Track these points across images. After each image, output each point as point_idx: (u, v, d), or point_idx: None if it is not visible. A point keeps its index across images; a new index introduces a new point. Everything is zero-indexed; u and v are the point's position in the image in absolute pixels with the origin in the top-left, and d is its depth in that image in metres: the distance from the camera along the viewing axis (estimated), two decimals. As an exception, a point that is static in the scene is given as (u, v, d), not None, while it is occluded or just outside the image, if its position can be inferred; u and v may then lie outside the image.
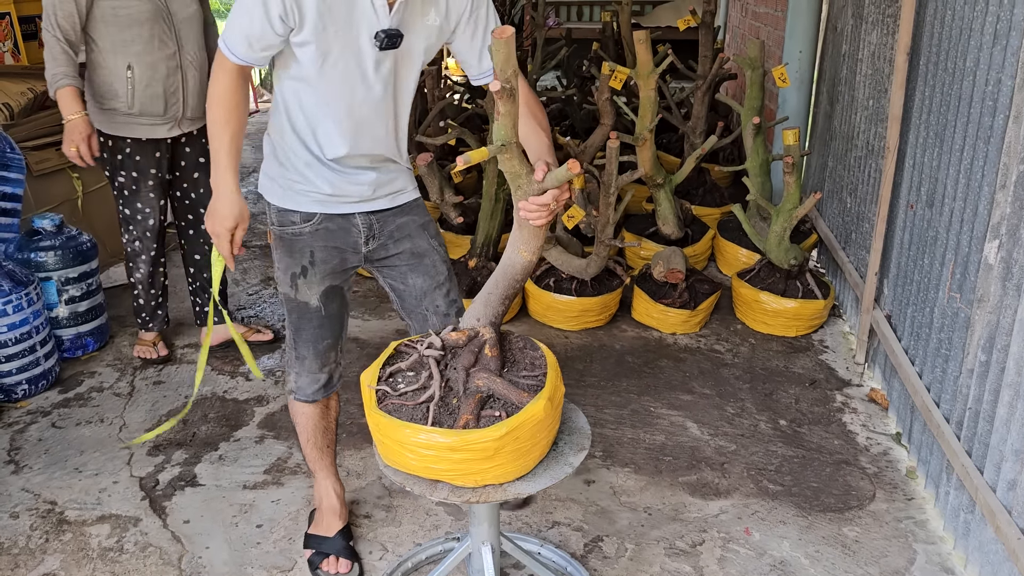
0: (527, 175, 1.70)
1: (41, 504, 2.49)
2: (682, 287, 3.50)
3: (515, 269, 1.85)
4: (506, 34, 1.57)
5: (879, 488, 2.59)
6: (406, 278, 2.10)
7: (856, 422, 2.95)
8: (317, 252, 1.99)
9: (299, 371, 2.10)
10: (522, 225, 1.77)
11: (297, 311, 2.04)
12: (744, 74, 3.96)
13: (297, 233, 1.98)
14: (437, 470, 1.71)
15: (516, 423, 1.66)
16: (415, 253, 2.09)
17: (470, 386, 1.79)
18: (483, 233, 3.59)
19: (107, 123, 2.97)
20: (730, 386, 3.18)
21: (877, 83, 3.30)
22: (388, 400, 1.82)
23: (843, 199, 3.77)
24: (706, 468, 2.69)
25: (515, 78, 1.64)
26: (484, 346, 1.81)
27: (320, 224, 1.98)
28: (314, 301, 2.03)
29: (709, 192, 4.59)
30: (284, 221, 1.99)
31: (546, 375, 1.75)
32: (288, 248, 2.00)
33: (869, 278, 3.11)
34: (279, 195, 1.98)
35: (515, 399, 1.73)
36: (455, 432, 1.67)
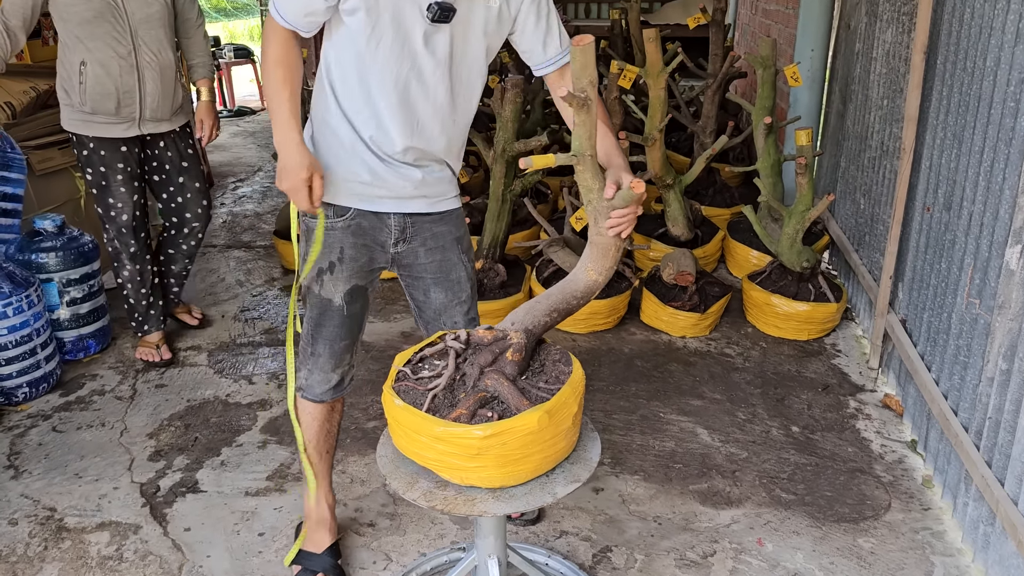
0: (600, 190, 1.67)
1: (40, 511, 2.45)
2: (692, 290, 3.45)
3: (576, 286, 1.80)
4: (584, 41, 1.53)
5: (895, 497, 2.53)
6: (429, 291, 2.05)
7: (870, 429, 2.89)
8: (347, 249, 1.93)
9: (312, 368, 2.04)
10: (595, 242, 1.74)
11: (319, 307, 1.98)
12: (755, 73, 3.90)
13: (329, 227, 1.92)
14: (425, 457, 1.68)
15: (502, 428, 1.61)
16: (443, 266, 2.03)
17: (479, 384, 1.75)
18: (490, 234, 3.54)
19: (70, 120, 2.98)
20: (741, 391, 3.12)
21: (892, 82, 3.24)
22: (404, 381, 1.79)
23: (856, 200, 3.70)
24: (717, 476, 2.63)
25: (591, 88, 1.59)
26: (508, 349, 1.77)
27: (353, 220, 1.92)
28: (338, 299, 1.97)
29: (719, 192, 4.53)
30: (316, 215, 1.92)
31: (560, 390, 1.70)
32: (316, 240, 1.95)
33: (883, 282, 3.05)
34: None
35: (514, 404, 1.68)
36: (442, 423, 1.63)
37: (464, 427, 1.61)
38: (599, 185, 1.72)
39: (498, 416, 1.65)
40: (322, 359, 2.02)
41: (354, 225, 1.92)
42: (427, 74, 1.82)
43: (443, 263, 2.02)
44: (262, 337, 3.50)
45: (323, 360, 2.02)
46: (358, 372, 3.21)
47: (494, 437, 1.60)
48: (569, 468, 1.75)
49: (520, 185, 3.47)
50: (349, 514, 2.44)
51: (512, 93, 3.28)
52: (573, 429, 1.75)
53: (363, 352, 3.39)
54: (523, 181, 3.48)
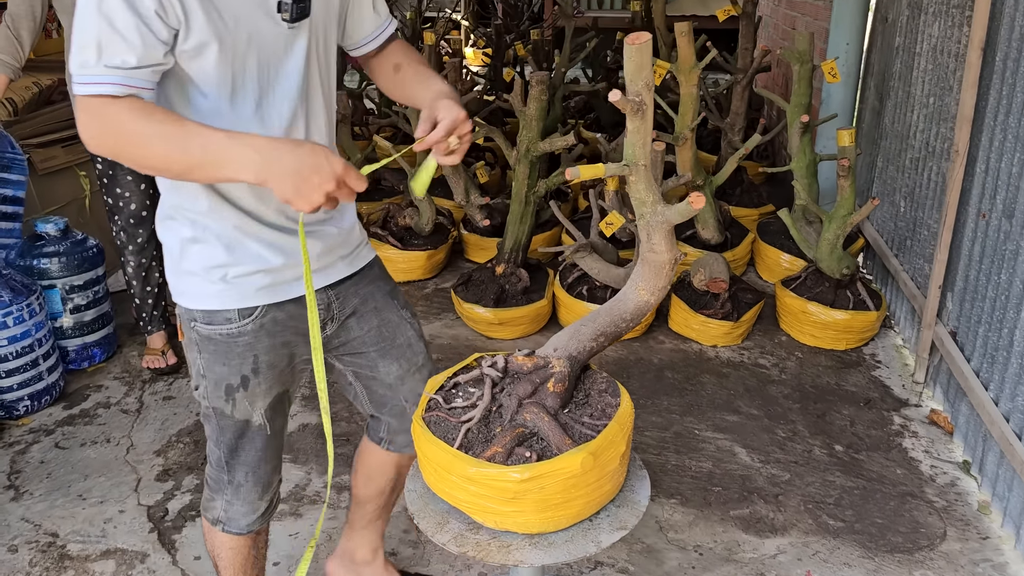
0: (653, 203, 1.51)
1: (42, 536, 2.31)
2: (724, 297, 3.28)
3: (626, 307, 1.64)
4: (640, 40, 1.37)
5: (949, 525, 2.37)
6: (376, 365, 1.67)
7: (918, 447, 2.73)
8: (262, 355, 1.50)
9: (231, 499, 1.64)
10: (647, 260, 1.58)
11: (234, 430, 1.57)
12: (778, 63, 3.72)
13: (235, 334, 1.47)
14: (456, 497, 1.53)
15: (542, 471, 1.46)
16: (384, 332, 1.67)
17: (517, 418, 1.60)
18: (512, 238, 3.38)
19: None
20: (779, 406, 2.96)
21: (940, 79, 3.06)
22: (435, 411, 1.63)
23: (896, 202, 3.53)
24: (759, 500, 2.48)
25: (647, 91, 1.43)
26: (549, 380, 1.61)
27: (264, 317, 1.48)
28: (257, 418, 1.56)
29: (746, 192, 4.36)
30: (214, 320, 1.47)
31: (606, 427, 1.55)
32: (221, 353, 1.49)
33: (932, 291, 2.88)
34: (205, 294, 1.46)
35: (556, 443, 1.53)
36: (475, 462, 1.48)
37: (499, 468, 1.46)
38: (652, 198, 1.57)
39: (537, 456, 1.49)
40: (245, 488, 1.63)
41: (267, 323, 1.49)
42: (296, 92, 1.41)
43: (383, 328, 1.66)
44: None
45: (246, 489, 1.63)
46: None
47: (532, 481, 1.45)
48: (615, 512, 1.59)
49: (544, 186, 3.31)
50: (369, 542, 2.29)
51: (537, 90, 3.11)
52: (620, 469, 1.60)
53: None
54: (547, 182, 3.31)
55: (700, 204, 1.47)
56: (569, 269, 3.44)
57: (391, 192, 4.55)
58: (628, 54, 1.42)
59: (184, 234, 1.44)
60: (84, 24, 1.22)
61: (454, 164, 1.46)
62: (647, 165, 1.54)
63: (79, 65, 1.23)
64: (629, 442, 1.62)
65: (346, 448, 2.68)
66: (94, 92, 1.23)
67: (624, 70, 1.45)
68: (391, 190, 4.56)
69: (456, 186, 3.43)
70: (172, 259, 1.49)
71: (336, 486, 2.51)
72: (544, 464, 1.46)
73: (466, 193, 3.48)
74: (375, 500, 1.90)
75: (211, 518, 1.67)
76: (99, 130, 1.25)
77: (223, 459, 1.60)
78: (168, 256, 1.50)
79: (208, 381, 1.52)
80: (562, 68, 4.52)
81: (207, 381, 1.52)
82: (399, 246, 3.75)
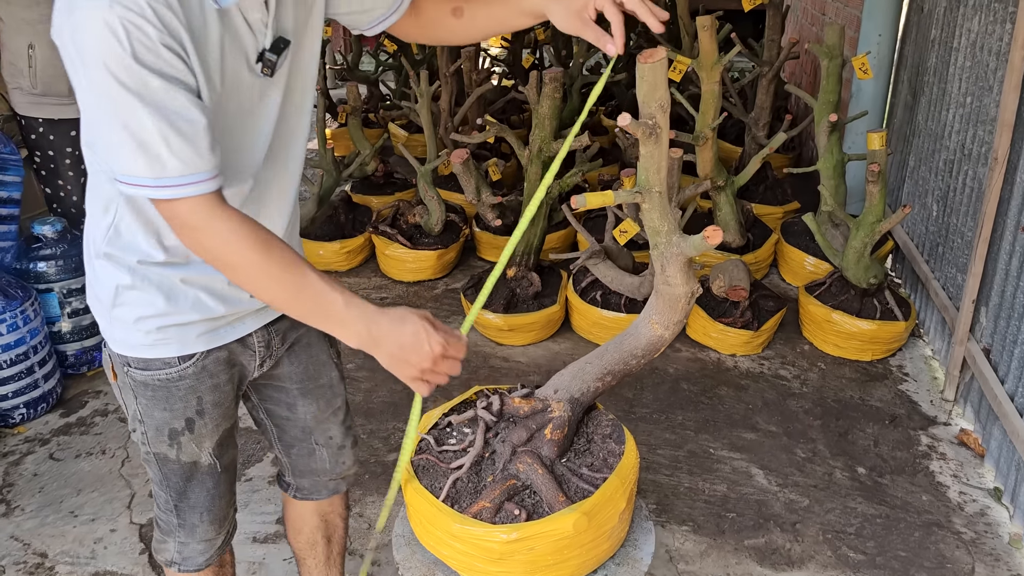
0: (668, 233, 1.40)
1: (30, 556, 2.24)
2: (745, 304, 3.14)
3: (637, 343, 1.53)
4: (655, 58, 1.25)
5: (978, 560, 2.24)
6: (295, 405, 1.57)
7: (946, 471, 2.59)
8: (207, 396, 1.40)
9: (185, 540, 1.54)
10: (661, 293, 1.47)
11: (181, 474, 1.46)
12: (803, 47, 3.54)
13: (175, 378, 1.37)
14: (441, 553, 1.43)
15: (530, 532, 1.36)
16: (310, 371, 1.56)
17: (510, 467, 1.49)
18: (523, 240, 3.25)
19: (18, 103, 2.96)
20: (799, 422, 2.83)
21: (978, 78, 2.88)
22: (426, 453, 1.53)
23: (928, 205, 3.36)
24: (775, 529, 2.35)
25: (661, 114, 1.31)
26: (547, 425, 1.50)
27: (207, 359, 1.39)
28: (206, 458, 1.46)
29: (771, 188, 4.19)
30: (151, 366, 1.36)
31: (605, 481, 1.43)
32: (160, 399, 1.38)
33: (965, 305, 2.72)
34: (140, 344, 1.35)
35: (548, 500, 1.42)
36: (459, 518, 1.38)
37: (485, 527, 1.35)
38: (667, 227, 1.45)
39: (528, 513, 1.38)
40: (201, 528, 1.53)
41: (209, 364, 1.40)
42: (266, 142, 1.33)
43: (309, 366, 1.56)
44: (278, 349, 3.27)
45: (202, 529, 1.53)
46: (380, 392, 2.98)
47: (520, 542, 1.34)
48: (614, 571, 1.48)
49: (558, 188, 3.17)
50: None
51: (550, 87, 2.97)
52: (620, 526, 1.49)
53: (383, 371, 3.13)
54: (561, 183, 3.18)
55: (717, 240, 1.34)
56: (583, 272, 3.31)
57: (404, 185, 4.43)
58: (641, 73, 1.30)
59: (121, 280, 1.32)
60: (130, 121, 1.08)
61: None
62: (662, 192, 1.41)
63: (151, 171, 1.10)
64: (632, 496, 1.51)
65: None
66: (188, 194, 1.12)
67: (637, 90, 1.33)
68: (404, 183, 4.44)
69: (467, 184, 3.30)
70: (102, 302, 1.36)
71: (334, 506, 2.42)
72: (533, 525, 1.35)
73: (477, 191, 3.36)
74: (310, 554, 1.77)
75: (164, 560, 1.56)
76: (215, 245, 1.16)
77: (171, 503, 1.49)
78: (97, 295, 1.37)
79: (147, 427, 1.40)
80: (580, 59, 4.35)
81: (145, 427, 1.40)
82: (408, 245, 3.63)
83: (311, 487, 1.67)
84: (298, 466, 1.64)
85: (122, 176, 1.12)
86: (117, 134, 1.08)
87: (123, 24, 1.03)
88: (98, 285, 1.36)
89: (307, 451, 1.61)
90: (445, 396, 2.83)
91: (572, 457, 1.50)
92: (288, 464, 1.65)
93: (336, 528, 1.76)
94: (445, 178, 4.29)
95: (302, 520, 1.73)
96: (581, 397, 1.53)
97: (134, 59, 1.05)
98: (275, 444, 1.64)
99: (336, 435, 1.62)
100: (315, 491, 1.68)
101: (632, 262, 3.21)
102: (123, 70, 1.05)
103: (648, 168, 1.37)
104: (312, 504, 1.70)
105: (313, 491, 1.68)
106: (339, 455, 1.63)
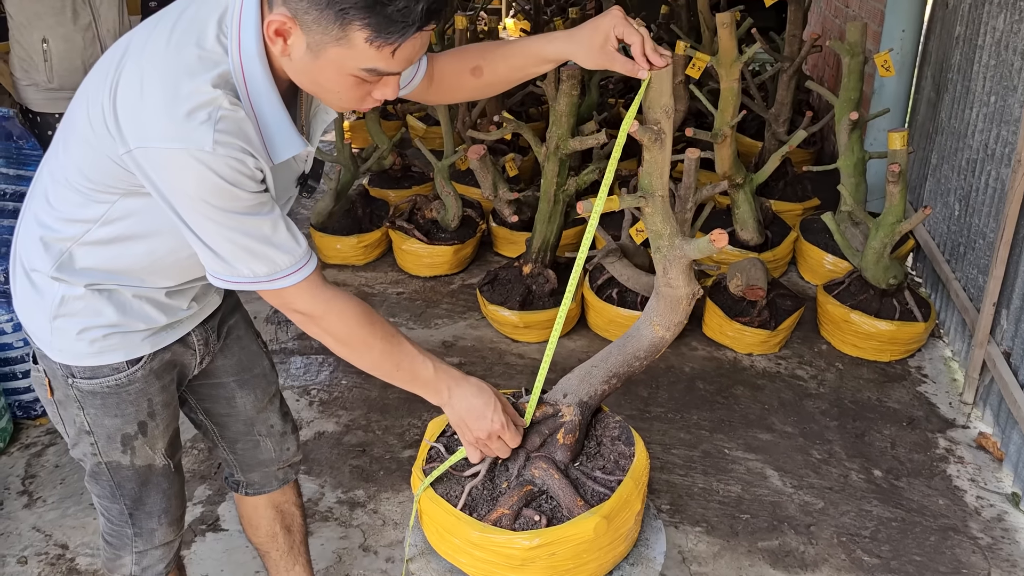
0: (670, 236, 1.41)
1: (51, 548, 2.28)
2: (762, 303, 3.12)
3: (640, 345, 1.54)
4: (660, 65, 1.26)
5: (994, 566, 2.23)
6: (233, 399, 1.59)
7: (963, 475, 2.57)
8: (156, 397, 1.43)
9: (144, 549, 1.53)
10: (662, 295, 1.48)
11: (135, 479, 1.46)
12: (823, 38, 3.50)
13: (124, 383, 1.38)
14: (460, 561, 1.44)
15: (554, 537, 1.37)
16: (244, 361, 1.59)
17: (525, 473, 1.50)
18: (540, 237, 3.25)
19: (33, 100, 2.94)
20: (815, 423, 2.81)
21: (1002, 77, 2.84)
22: (437, 461, 1.54)
23: (949, 204, 3.32)
24: (789, 531, 2.35)
25: (666, 119, 1.32)
26: (559, 430, 1.51)
27: (154, 360, 1.41)
28: (159, 459, 1.47)
29: (790, 185, 4.15)
30: (99, 374, 1.37)
31: (620, 483, 1.44)
32: (111, 406, 1.39)
33: (985, 308, 2.70)
34: (85, 353, 1.35)
35: (567, 505, 1.43)
36: (479, 526, 1.39)
37: (506, 534, 1.36)
38: (669, 231, 1.45)
39: (547, 519, 1.39)
40: (160, 532, 1.53)
41: (156, 366, 1.42)
42: None
43: (243, 357, 1.59)
44: (295, 343, 3.29)
45: (161, 533, 1.53)
46: (395, 389, 2.99)
47: (542, 548, 1.35)
48: (629, 571, 1.49)
49: (575, 185, 3.17)
50: (379, 564, 2.22)
51: (568, 85, 2.96)
52: (635, 527, 1.49)
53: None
54: (578, 180, 3.17)
55: (722, 244, 1.34)
56: (599, 270, 3.31)
57: (422, 178, 4.43)
58: (647, 80, 1.31)
59: (73, 292, 1.33)
60: (236, 236, 1.18)
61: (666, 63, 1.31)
62: (664, 196, 1.42)
63: (267, 269, 1.21)
64: (645, 498, 1.51)
65: (361, 459, 2.61)
66: (300, 279, 1.24)
67: (643, 97, 1.33)
68: (421, 176, 4.45)
69: (484, 180, 3.30)
70: (43, 308, 1.34)
71: (348, 502, 2.44)
72: (555, 530, 1.36)
73: (494, 187, 3.36)
74: (272, 547, 1.81)
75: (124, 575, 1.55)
76: (335, 326, 1.29)
77: (126, 512, 1.48)
78: (36, 301, 1.35)
79: (96, 436, 1.41)
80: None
81: (94, 437, 1.41)
82: (425, 240, 3.64)
83: (261, 480, 1.71)
84: (245, 460, 1.67)
85: (235, 278, 1.22)
86: (224, 246, 1.18)
87: (227, 164, 1.12)
88: (35, 296, 1.35)
89: (252, 444, 1.64)
90: (436, 410, 2.85)
91: (584, 461, 1.51)
92: (234, 461, 1.68)
93: (294, 517, 1.80)
94: (462, 172, 4.29)
95: (258, 515, 1.77)
96: (589, 400, 1.54)
97: (235, 186, 1.14)
98: (219, 443, 1.66)
99: (276, 423, 1.66)
100: (266, 483, 1.71)
101: (648, 260, 3.20)
102: (226, 199, 1.15)
103: (651, 173, 1.38)
104: (265, 498, 1.74)
105: (264, 484, 1.71)
106: (283, 442, 1.68)
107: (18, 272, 1.39)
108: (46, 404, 1.45)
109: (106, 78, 1.18)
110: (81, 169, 1.24)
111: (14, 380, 2.71)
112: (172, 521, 1.55)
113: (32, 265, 1.35)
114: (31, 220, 1.35)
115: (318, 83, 1.16)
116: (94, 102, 1.19)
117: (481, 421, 1.38)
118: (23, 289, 1.38)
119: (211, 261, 1.21)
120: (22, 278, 1.38)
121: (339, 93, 1.18)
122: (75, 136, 1.24)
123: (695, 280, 1.49)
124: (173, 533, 1.56)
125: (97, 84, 1.20)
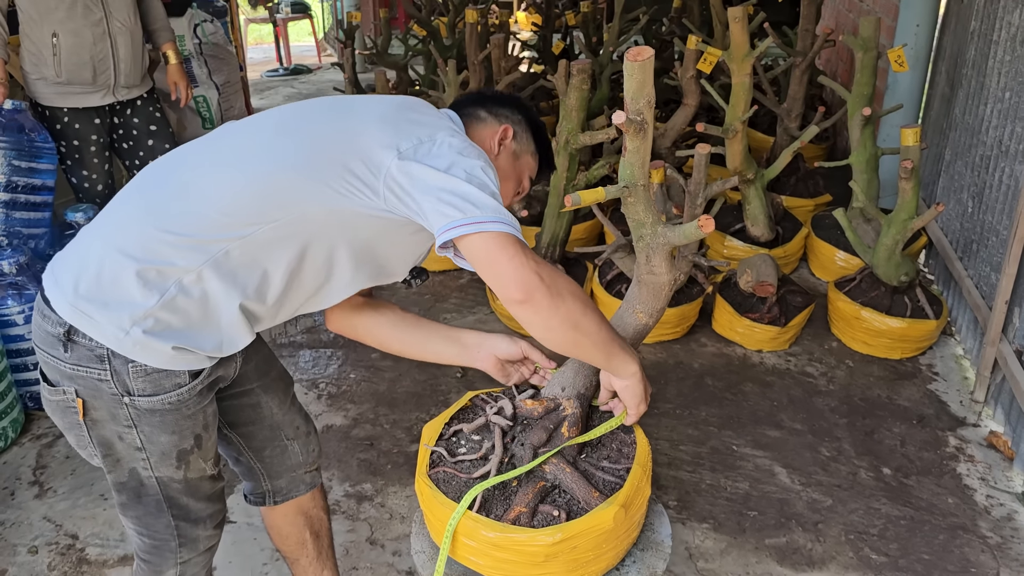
0: (653, 224, 1.42)
1: (62, 537, 2.30)
2: (772, 300, 3.11)
3: (624, 333, 1.55)
4: (642, 56, 1.27)
5: (1004, 565, 2.21)
6: (259, 405, 1.58)
7: (973, 474, 2.55)
8: (208, 409, 1.42)
9: (189, 558, 1.53)
10: (644, 282, 1.49)
11: (186, 491, 1.45)
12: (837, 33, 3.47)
13: (185, 398, 1.36)
14: (476, 563, 1.44)
15: (576, 530, 1.37)
16: (263, 366, 1.59)
17: (535, 469, 1.50)
18: (549, 232, 3.25)
19: (41, 93, 2.99)
20: (824, 420, 2.80)
21: (1018, 73, 2.81)
22: (441, 466, 1.54)
23: (963, 201, 3.29)
24: (797, 528, 2.34)
25: (648, 110, 1.32)
26: (563, 424, 1.51)
27: (209, 376, 1.39)
28: (210, 469, 1.48)
29: (802, 180, 4.13)
30: (161, 389, 1.33)
31: (630, 471, 1.44)
32: (168, 423, 1.37)
33: (998, 306, 2.68)
34: (169, 354, 1.32)
35: (583, 497, 1.43)
36: (501, 526, 1.39)
37: (527, 532, 1.36)
38: (652, 219, 1.46)
39: (565, 512, 1.39)
40: (204, 536, 1.52)
41: (210, 378, 1.41)
42: None
43: (259, 360, 1.58)
44: (303, 337, 3.30)
45: (205, 536, 1.53)
46: (404, 382, 3.00)
47: (564, 542, 1.35)
48: (640, 557, 1.50)
49: (584, 180, 3.16)
50: (386, 558, 2.23)
51: (578, 79, 2.95)
52: (644, 513, 1.50)
53: (407, 360, 3.16)
54: (588, 174, 3.17)
55: (709, 229, 1.34)
56: (609, 265, 3.30)
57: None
58: (629, 71, 1.31)
59: (168, 291, 1.29)
60: (473, 179, 1.25)
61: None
62: (646, 185, 1.43)
63: (490, 203, 1.24)
64: (650, 482, 1.52)
65: (369, 453, 2.62)
66: (502, 230, 1.26)
67: (624, 88, 1.34)
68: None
69: (494, 175, 3.30)
70: (138, 303, 1.28)
71: (356, 495, 2.45)
72: (576, 523, 1.36)
73: (504, 182, 3.35)
74: (302, 554, 1.80)
75: None
76: (567, 306, 1.31)
77: (172, 524, 1.46)
78: (130, 294, 1.28)
79: (148, 452, 1.37)
80: (610, 47, 4.32)
81: (146, 453, 1.38)
82: (435, 234, 3.64)
83: (288, 485, 1.69)
84: (273, 467, 1.66)
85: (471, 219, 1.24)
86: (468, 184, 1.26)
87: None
88: (136, 288, 1.28)
89: (279, 450, 1.64)
90: (443, 404, 2.85)
91: (589, 452, 1.51)
92: (262, 470, 1.66)
93: (321, 521, 1.79)
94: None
95: (288, 523, 1.75)
96: (586, 392, 1.55)
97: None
98: (244, 453, 1.64)
99: (301, 423, 1.67)
100: (293, 488, 1.70)
101: (658, 255, 3.19)
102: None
103: (633, 163, 1.38)
104: (292, 504, 1.73)
105: (291, 489, 1.70)
106: (308, 442, 1.68)
107: (116, 262, 1.31)
108: (68, 428, 1.39)
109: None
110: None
111: (25, 371, 2.73)
112: (217, 524, 1.55)
113: (164, 260, 1.29)
114: (176, 217, 1.31)
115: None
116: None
117: (647, 390, 1.51)
118: (111, 281, 1.30)
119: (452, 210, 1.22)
120: (119, 269, 1.30)
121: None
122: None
123: (676, 266, 1.51)
124: (217, 536, 1.56)
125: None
